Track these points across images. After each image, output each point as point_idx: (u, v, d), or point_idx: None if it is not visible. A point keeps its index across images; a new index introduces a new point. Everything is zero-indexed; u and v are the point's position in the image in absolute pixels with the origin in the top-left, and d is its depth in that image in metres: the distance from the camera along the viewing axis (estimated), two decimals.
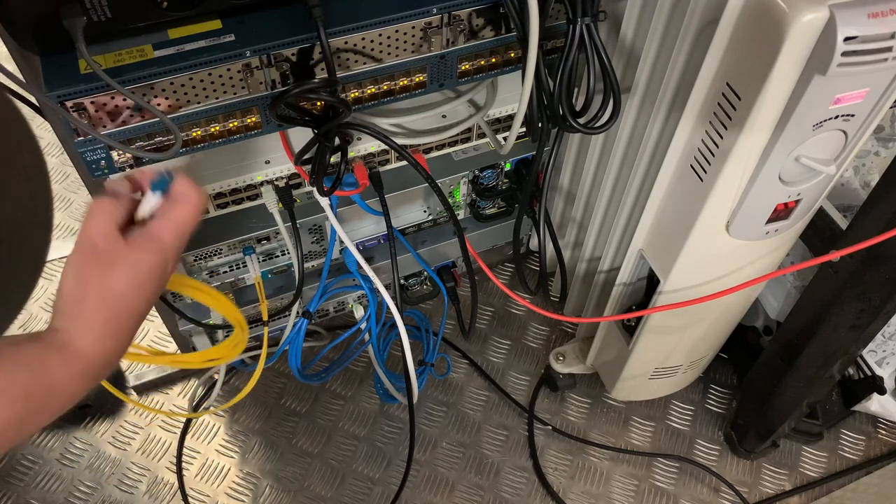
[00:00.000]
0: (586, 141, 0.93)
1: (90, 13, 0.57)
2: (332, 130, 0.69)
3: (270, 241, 0.92)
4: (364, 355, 1.14)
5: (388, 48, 0.68)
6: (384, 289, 0.88)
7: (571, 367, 1.08)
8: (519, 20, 0.65)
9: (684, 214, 0.72)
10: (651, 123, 0.74)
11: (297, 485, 1.03)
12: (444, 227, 1.05)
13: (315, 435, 1.08)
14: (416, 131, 0.84)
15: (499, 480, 1.05)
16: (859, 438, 1.11)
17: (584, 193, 0.97)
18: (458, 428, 1.09)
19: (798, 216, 0.72)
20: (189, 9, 0.61)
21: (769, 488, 1.06)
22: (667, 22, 0.68)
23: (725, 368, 1.16)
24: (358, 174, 0.83)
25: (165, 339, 1.15)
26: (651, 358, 0.95)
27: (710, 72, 0.62)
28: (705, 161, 0.67)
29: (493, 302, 1.23)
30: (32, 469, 1.03)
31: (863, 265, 0.74)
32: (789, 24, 0.52)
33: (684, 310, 0.81)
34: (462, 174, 0.96)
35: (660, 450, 1.09)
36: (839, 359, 0.86)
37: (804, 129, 0.61)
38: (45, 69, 0.59)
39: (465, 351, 1.17)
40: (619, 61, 0.77)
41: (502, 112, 0.87)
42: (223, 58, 0.62)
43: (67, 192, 1.33)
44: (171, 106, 0.63)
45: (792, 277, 0.96)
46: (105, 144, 0.64)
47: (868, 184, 0.94)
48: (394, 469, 1.05)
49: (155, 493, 1.02)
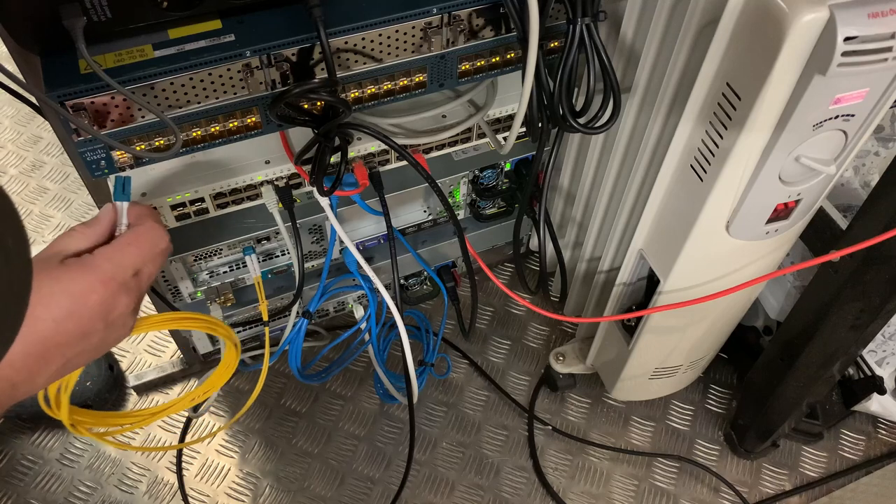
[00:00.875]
0: (586, 141, 0.93)
1: (90, 13, 0.57)
2: (332, 130, 0.69)
3: (270, 241, 0.92)
4: (364, 355, 1.14)
5: (388, 48, 0.68)
6: (384, 289, 0.88)
7: (571, 367, 1.08)
8: (519, 20, 0.65)
9: (684, 214, 0.72)
10: (651, 123, 0.74)
11: (297, 485, 1.03)
12: (444, 227, 1.05)
13: (315, 435, 1.08)
14: (416, 131, 0.84)
15: (499, 480, 1.05)
16: (859, 438, 1.11)
17: (584, 193, 0.97)
18: (458, 428, 1.09)
19: (798, 216, 0.72)
20: (189, 9, 0.61)
21: (769, 488, 1.06)
22: (667, 22, 0.68)
23: (725, 368, 1.16)
24: (358, 174, 0.83)
25: (165, 338, 1.15)
26: (651, 358, 0.95)
27: (710, 72, 0.62)
28: (705, 161, 0.67)
29: (493, 302, 1.23)
30: (32, 469, 1.03)
31: (863, 265, 0.74)
32: (789, 24, 0.52)
33: (684, 310, 0.81)
34: (462, 174, 0.96)
35: (660, 450, 1.09)
36: (839, 359, 0.86)
37: (804, 129, 0.61)
38: (45, 69, 0.59)
39: (465, 351, 1.17)
40: (619, 61, 0.77)
41: (502, 112, 0.87)
42: (223, 58, 0.62)
43: (67, 192, 1.33)
44: (171, 106, 0.63)
45: (792, 277, 0.96)
46: (105, 144, 0.64)
47: (868, 184, 0.94)
48: (394, 469, 1.05)
49: (155, 493, 1.02)
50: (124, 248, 0.57)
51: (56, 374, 0.52)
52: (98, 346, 0.54)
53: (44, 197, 1.33)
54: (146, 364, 1.12)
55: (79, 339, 0.52)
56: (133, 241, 0.58)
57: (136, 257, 0.57)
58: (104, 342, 0.55)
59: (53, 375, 0.52)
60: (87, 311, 0.52)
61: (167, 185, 0.77)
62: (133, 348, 1.14)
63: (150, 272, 0.59)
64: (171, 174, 0.78)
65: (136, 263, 0.57)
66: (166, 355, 1.13)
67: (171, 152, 0.63)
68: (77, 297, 0.52)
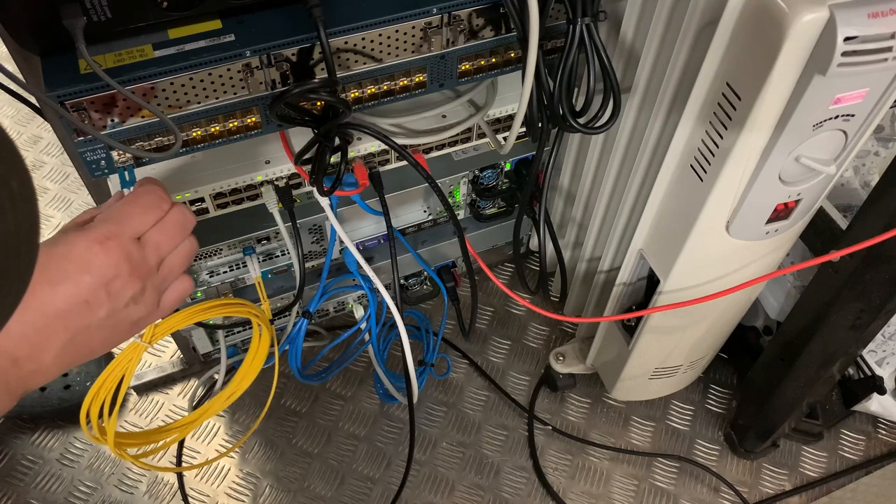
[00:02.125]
0: (586, 141, 0.93)
1: (90, 13, 0.57)
2: (332, 130, 0.69)
3: (270, 241, 0.92)
4: (364, 355, 1.14)
5: (388, 48, 0.68)
6: (384, 289, 0.88)
7: (571, 367, 1.08)
8: (519, 20, 0.65)
9: (684, 214, 0.72)
10: (651, 123, 0.74)
11: (297, 485, 1.03)
12: (444, 227, 1.05)
13: (315, 435, 1.08)
14: (416, 131, 0.84)
15: (499, 480, 1.05)
16: (859, 438, 1.11)
17: (584, 193, 0.97)
18: (458, 428, 1.09)
19: (798, 216, 0.72)
20: (189, 9, 0.61)
21: (769, 488, 1.06)
22: (667, 22, 0.68)
23: (725, 368, 1.16)
24: (358, 174, 0.83)
25: (165, 338, 1.15)
26: (651, 358, 0.95)
27: (710, 72, 0.62)
28: (705, 161, 0.67)
29: (493, 302, 1.23)
30: (32, 469, 1.03)
31: (863, 265, 0.74)
32: (789, 24, 0.52)
33: (684, 310, 0.81)
34: (462, 174, 0.96)
35: (660, 450, 1.09)
36: (839, 359, 0.86)
37: (804, 129, 0.61)
38: (45, 69, 0.59)
39: (465, 351, 1.17)
40: (619, 61, 0.77)
41: (502, 112, 0.87)
42: (223, 58, 0.62)
43: (67, 192, 1.33)
44: (171, 106, 0.63)
45: (792, 277, 0.96)
46: (105, 144, 0.64)
47: (868, 184, 0.94)
48: (394, 469, 1.05)
49: (155, 493, 1.02)
50: (121, 206, 0.54)
51: (64, 353, 0.49)
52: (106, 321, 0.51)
53: (44, 197, 1.33)
54: (146, 364, 1.12)
55: (81, 309, 0.49)
56: (129, 200, 0.55)
57: (133, 216, 0.54)
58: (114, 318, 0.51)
59: (61, 354, 0.49)
60: (86, 275, 0.49)
61: (167, 184, 0.77)
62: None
63: (159, 242, 0.55)
64: (171, 174, 0.78)
65: (136, 225, 0.54)
66: (166, 355, 1.13)
67: (170, 152, 0.63)
68: (73, 260, 0.49)
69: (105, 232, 0.51)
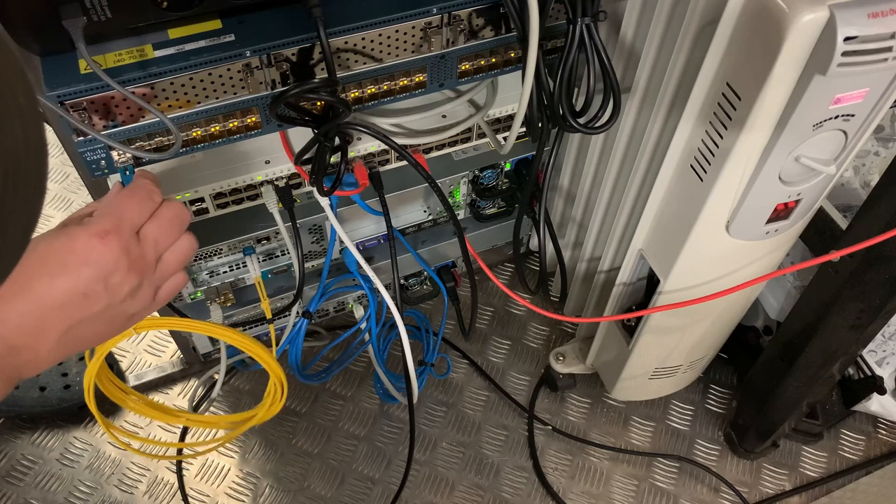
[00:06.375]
0: (586, 141, 0.93)
1: (90, 13, 0.57)
2: (332, 130, 0.69)
3: (270, 241, 0.92)
4: (364, 355, 1.14)
5: (388, 48, 0.68)
6: (384, 289, 0.88)
7: (571, 367, 1.08)
8: (519, 20, 0.65)
9: (684, 214, 0.72)
10: (651, 123, 0.74)
11: (297, 485, 1.03)
12: (444, 227, 1.05)
13: (315, 435, 1.08)
14: (416, 131, 0.84)
15: (499, 480, 1.05)
16: (859, 438, 1.11)
17: (584, 193, 0.97)
18: (458, 428, 1.09)
19: (798, 216, 0.72)
20: (189, 9, 0.61)
21: (769, 488, 1.06)
22: (667, 22, 0.68)
23: (725, 368, 1.16)
24: (358, 174, 0.83)
25: (166, 338, 1.15)
26: (651, 358, 0.95)
27: (710, 72, 0.62)
28: (705, 161, 0.67)
29: (493, 302, 1.23)
30: (32, 469, 1.03)
31: (863, 265, 0.74)
32: (789, 24, 0.52)
33: (684, 310, 0.81)
34: (462, 174, 0.96)
35: (660, 450, 1.09)
36: (839, 359, 0.86)
37: (804, 129, 0.61)
38: (45, 69, 0.59)
39: (465, 351, 1.17)
40: (619, 61, 0.77)
41: (502, 112, 0.87)
42: (223, 58, 0.62)
43: (67, 192, 1.33)
44: (171, 106, 0.63)
45: (792, 277, 0.96)
46: (105, 144, 0.64)
47: (868, 184, 0.94)
48: (394, 469, 1.05)
49: (155, 493, 1.02)
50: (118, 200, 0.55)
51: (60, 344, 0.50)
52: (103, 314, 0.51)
53: None
54: (146, 364, 1.12)
55: (79, 301, 0.50)
56: (125, 194, 0.56)
57: (130, 210, 0.55)
58: (111, 312, 0.52)
59: (57, 345, 0.49)
60: (86, 268, 0.50)
61: (167, 184, 0.77)
62: (133, 348, 1.14)
63: (157, 238, 0.56)
64: (171, 174, 0.78)
65: (134, 218, 0.55)
66: (166, 355, 1.13)
67: (170, 152, 0.63)
68: (74, 253, 0.50)
69: (105, 226, 0.52)
